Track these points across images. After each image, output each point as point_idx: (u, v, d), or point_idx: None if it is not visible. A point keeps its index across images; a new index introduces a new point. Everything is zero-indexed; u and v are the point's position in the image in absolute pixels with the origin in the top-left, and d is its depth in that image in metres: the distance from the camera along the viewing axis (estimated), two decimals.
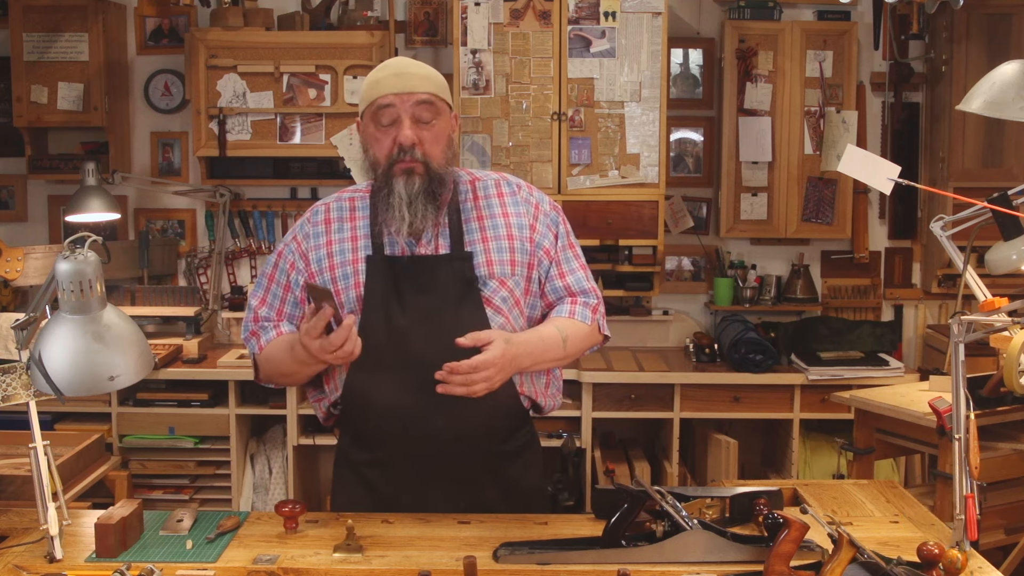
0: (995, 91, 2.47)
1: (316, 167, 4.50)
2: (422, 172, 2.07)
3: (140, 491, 4.09)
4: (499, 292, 2.13)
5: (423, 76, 2.10)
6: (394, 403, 2.11)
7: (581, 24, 4.13)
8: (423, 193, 2.07)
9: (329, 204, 2.23)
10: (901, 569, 1.78)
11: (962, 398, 1.96)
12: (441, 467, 2.16)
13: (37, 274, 4.05)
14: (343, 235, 2.17)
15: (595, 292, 2.25)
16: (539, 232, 2.20)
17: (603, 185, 4.20)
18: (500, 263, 2.14)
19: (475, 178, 2.23)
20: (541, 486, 2.36)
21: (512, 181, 2.25)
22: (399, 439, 2.15)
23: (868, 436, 3.28)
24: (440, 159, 2.10)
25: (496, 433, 2.20)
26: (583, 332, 2.20)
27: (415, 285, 2.11)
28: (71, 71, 4.38)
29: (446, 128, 2.13)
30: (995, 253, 2.54)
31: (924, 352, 4.67)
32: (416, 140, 2.07)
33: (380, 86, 2.09)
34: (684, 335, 4.65)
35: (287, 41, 4.34)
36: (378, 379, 2.11)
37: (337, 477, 2.32)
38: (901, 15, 4.55)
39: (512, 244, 2.17)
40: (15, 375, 1.93)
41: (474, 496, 2.18)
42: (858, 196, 4.55)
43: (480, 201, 2.20)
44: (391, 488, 2.20)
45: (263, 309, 2.22)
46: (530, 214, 2.21)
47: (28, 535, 2.02)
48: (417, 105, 2.07)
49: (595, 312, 2.23)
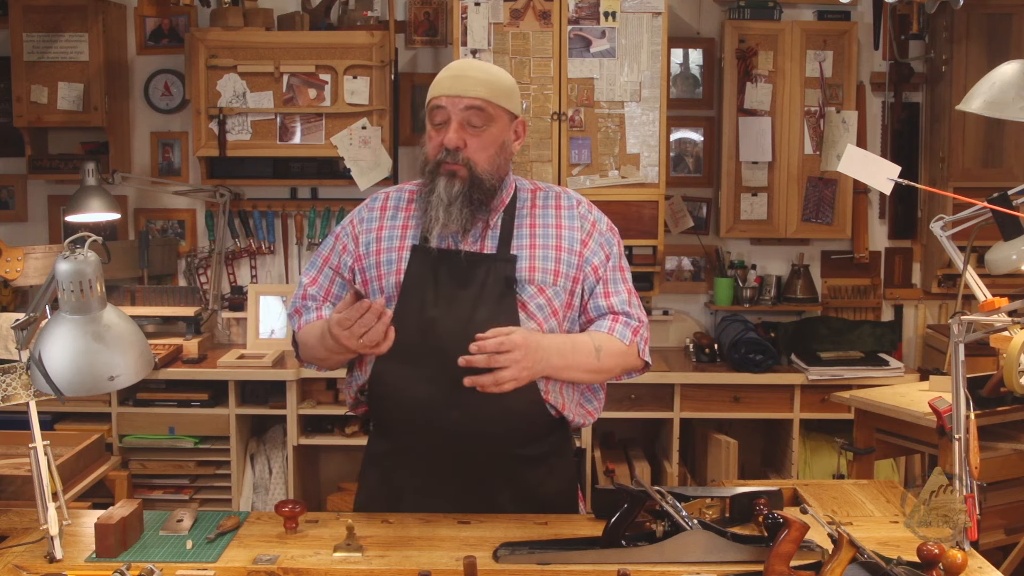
0: (995, 91, 2.47)
1: (316, 167, 4.50)
2: (465, 176, 2.08)
3: (140, 491, 4.09)
4: (536, 298, 2.12)
5: (480, 80, 2.10)
6: (414, 391, 2.12)
7: (581, 24, 4.13)
8: (462, 196, 2.07)
9: (389, 193, 2.28)
10: (901, 569, 1.78)
11: (962, 398, 1.96)
12: (455, 461, 2.15)
13: (37, 274, 4.06)
14: (395, 223, 2.20)
15: (639, 316, 2.21)
16: (590, 249, 2.19)
17: (603, 185, 4.19)
18: (543, 271, 2.14)
19: (537, 188, 2.25)
20: (564, 496, 2.28)
21: (573, 196, 2.25)
22: (415, 428, 2.15)
23: (868, 436, 3.28)
24: (486, 165, 2.10)
25: (514, 435, 2.16)
26: (620, 349, 2.16)
27: (453, 278, 2.12)
28: (71, 71, 4.38)
29: (499, 135, 2.12)
30: (995, 253, 2.54)
31: (924, 352, 4.67)
32: (461, 144, 2.08)
33: (438, 86, 2.12)
34: (684, 335, 4.66)
35: (287, 41, 4.34)
36: (403, 366, 2.11)
37: (363, 475, 2.32)
38: (901, 15, 4.55)
39: (559, 255, 2.16)
40: (15, 375, 1.93)
41: (486, 495, 2.17)
42: (858, 196, 4.55)
43: (537, 210, 2.21)
44: (404, 477, 2.19)
45: (313, 288, 2.26)
46: (584, 230, 2.20)
47: (28, 535, 2.02)
48: (466, 110, 2.08)
49: (635, 334, 2.19)
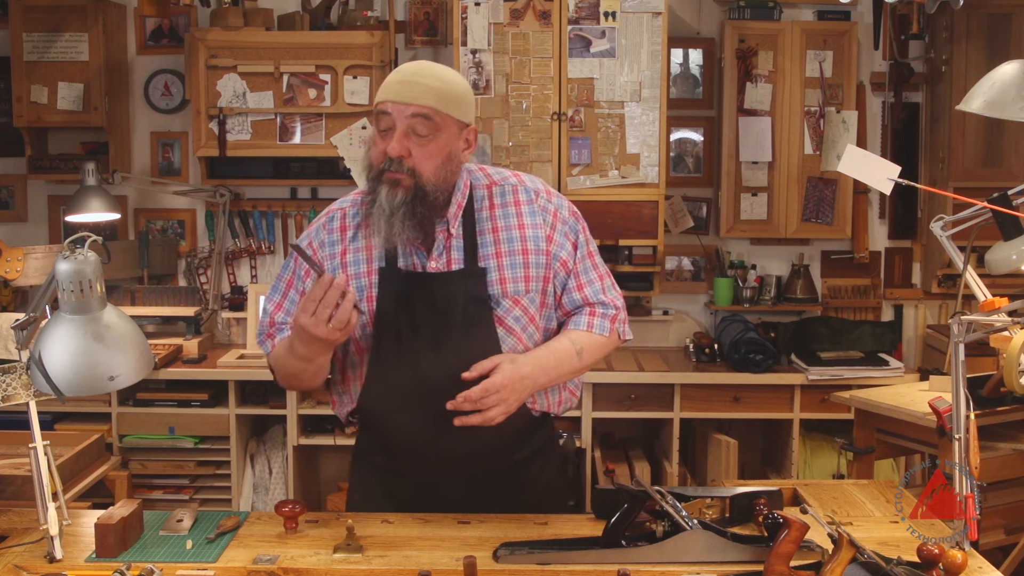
0: (995, 91, 2.47)
1: (316, 167, 4.50)
2: (409, 185, 1.99)
3: (140, 491, 4.09)
4: (512, 311, 2.10)
5: (430, 88, 2.00)
6: (406, 421, 2.12)
7: (581, 24, 4.13)
8: (405, 207, 1.98)
9: (345, 209, 2.17)
10: (901, 569, 1.78)
11: (962, 398, 1.96)
12: (455, 478, 2.17)
13: (37, 274, 4.06)
14: (357, 244, 2.13)
15: (614, 303, 2.21)
16: (556, 243, 2.15)
17: (603, 185, 4.19)
18: (514, 280, 2.10)
19: (492, 182, 2.16)
20: (555, 484, 2.34)
21: (530, 187, 2.18)
22: (412, 452, 2.16)
23: (868, 436, 3.28)
24: (432, 176, 2.01)
25: (507, 447, 2.19)
26: (600, 343, 2.18)
27: (427, 303, 2.07)
28: (71, 71, 4.37)
29: (446, 145, 2.03)
30: (995, 253, 2.54)
31: (924, 352, 4.67)
32: (404, 153, 1.99)
33: (386, 90, 2.03)
34: (684, 335, 4.65)
35: (287, 41, 4.34)
36: (389, 396, 2.11)
37: (355, 476, 2.32)
38: (901, 15, 4.54)
39: (527, 259, 2.12)
40: (15, 375, 1.94)
41: (489, 501, 2.18)
42: (858, 196, 4.54)
43: (496, 210, 2.14)
44: (407, 493, 2.20)
45: (279, 315, 2.19)
46: (547, 224, 2.15)
47: (28, 535, 2.02)
48: (412, 117, 1.98)
49: (614, 322, 2.20)
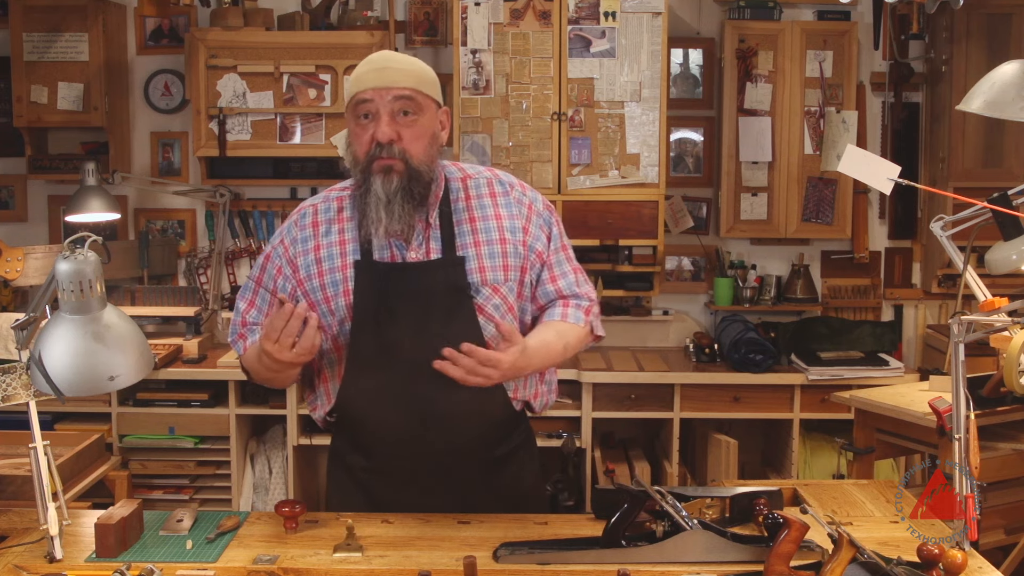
0: (995, 91, 2.47)
1: (316, 167, 4.50)
2: (401, 170, 1.99)
3: (140, 491, 4.09)
4: (492, 299, 2.09)
5: (405, 71, 2.03)
6: (385, 416, 2.10)
7: (581, 24, 4.13)
8: (401, 192, 1.99)
9: (317, 206, 2.16)
10: (901, 569, 1.78)
11: (962, 398, 1.96)
12: (436, 476, 2.16)
13: (37, 274, 4.06)
14: (331, 239, 2.11)
15: (587, 295, 2.21)
16: (532, 235, 2.15)
17: (603, 185, 4.19)
18: (493, 269, 2.10)
19: (467, 175, 2.17)
20: (538, 484, 2.35)
21: (504, 180, 2.18)
22: (392, 449, 2.15)
23: (868, 436, 3.28)
24: (421, 156, 2.02)
25: (489, 441, 2.19)
26: (579, 334, 2.18)
27: (405, 294, 2.05)
28: (71, 71, 4.37)
29: (429, 125, 2.05)
30: (995, 253, 2.53)
31: (924, 352, 4.67)
32: (394, 136, 1.99)
33: (360, 80, 2.04)
34: (684, 335, 4.65)
35: (287, 41, 4.34)
36: (369, 391, 2.09)
37: (332, 478, 2.31)
38: (901, 15, 4.54)
39: (505, 248, 2.11)
40: (15, 375, 1.93)
41: (469, 500, 2.17)
42: (858, 196, 4.55)
43: (472, 201, 2.13)
44: (387, 493, 2.19)
45: (251, 313, 2.18)
46: (523, 215, 2.15)
47: (28, 535, 2.02)
48: (396, 100, 2.00)
49: (587, 314, 2.20)
